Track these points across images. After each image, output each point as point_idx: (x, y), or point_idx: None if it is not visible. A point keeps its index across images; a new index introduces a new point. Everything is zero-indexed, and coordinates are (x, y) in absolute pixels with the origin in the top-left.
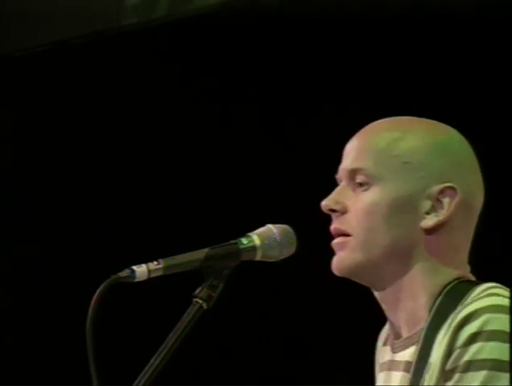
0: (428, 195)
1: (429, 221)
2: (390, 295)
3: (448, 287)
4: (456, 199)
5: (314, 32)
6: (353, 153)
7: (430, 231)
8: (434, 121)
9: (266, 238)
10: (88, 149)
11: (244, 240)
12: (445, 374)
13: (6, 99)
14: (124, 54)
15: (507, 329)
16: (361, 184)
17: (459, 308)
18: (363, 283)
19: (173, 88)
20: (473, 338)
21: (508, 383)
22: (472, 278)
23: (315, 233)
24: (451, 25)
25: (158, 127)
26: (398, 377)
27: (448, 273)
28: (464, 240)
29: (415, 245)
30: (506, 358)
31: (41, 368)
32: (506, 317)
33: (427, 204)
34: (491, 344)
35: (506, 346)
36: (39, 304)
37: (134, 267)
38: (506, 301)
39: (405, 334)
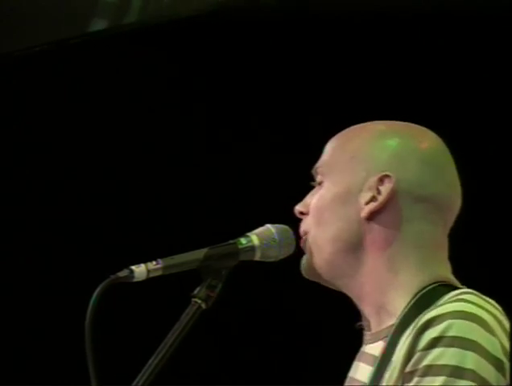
0: (369, 186)
1: (365, 210)
2: (355, 291)
3: (427, 289)
4: (392, 186)
5: (312, 31)
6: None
7: (370, 220)
8: (402, 123)
9: (265, 238)
10: (88, 148)
11: (243, 240)
12: (404, 375)
13: (5, 99)
14: (124, 54)
15: (468, 335)
16: (319, 183)
17: (426, 311)
18: (330, 286)
19: (171, 89)
20: (434, 343)
21: None
22: (456, 282)
23: None
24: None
25: (157, 127)
26: (366, 370)
27: (425, 273)
28: (427, 234)
29: (362, 237)
30: (465, 365)
31: (41, 368)
32: (469, 323)
33: (367, 195)
34: (451, 350)
35: (466, 353)
36: (39, 304)
37: (133, 267)
38: (471, 308)
39: (374, 327)
